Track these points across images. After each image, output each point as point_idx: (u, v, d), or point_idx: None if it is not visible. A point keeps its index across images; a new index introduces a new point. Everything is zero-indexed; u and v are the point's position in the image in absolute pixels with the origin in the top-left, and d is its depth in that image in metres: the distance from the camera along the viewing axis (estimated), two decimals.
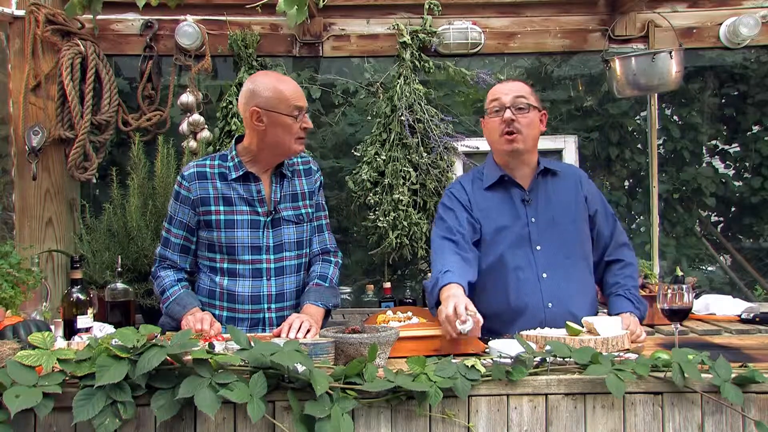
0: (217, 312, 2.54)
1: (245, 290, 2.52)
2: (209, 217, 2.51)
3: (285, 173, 2.58)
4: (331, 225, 2.76)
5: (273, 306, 2.55)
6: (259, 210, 2.53)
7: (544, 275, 2.46)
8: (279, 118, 2.44)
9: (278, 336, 2.28)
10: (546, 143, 3.98)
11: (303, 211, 2.61)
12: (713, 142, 5.07)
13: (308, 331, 2.28)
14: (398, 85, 3.77)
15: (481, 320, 2.12)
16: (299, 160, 2.66)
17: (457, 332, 2.08)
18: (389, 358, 1.99)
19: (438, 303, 2.29)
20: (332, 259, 2.69)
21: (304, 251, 2.63)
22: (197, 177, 2.53)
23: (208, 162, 2.57)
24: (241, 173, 2.52)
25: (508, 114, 2.47)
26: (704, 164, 4.98)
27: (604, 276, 2.60)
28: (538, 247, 2.48)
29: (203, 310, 2.47)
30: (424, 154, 3.75)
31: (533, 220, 2.51)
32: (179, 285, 2.54)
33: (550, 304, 2.44)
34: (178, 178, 2.58)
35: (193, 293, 2.55)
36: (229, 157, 2.56)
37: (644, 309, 2.51)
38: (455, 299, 2.15)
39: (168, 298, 2.51)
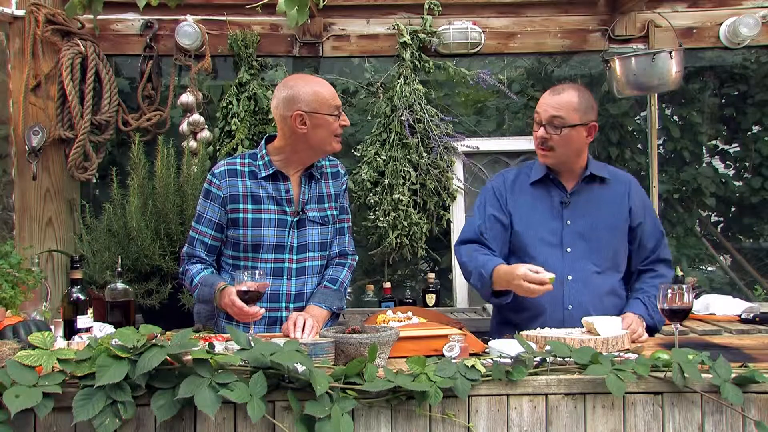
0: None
1: None
2: (237, 215, 2.50)
3: (314, 175, 2.58)
4: None
5: (291, 306, 2.53)
6: (287, 209, 2.53)
7: (570, 278, 2.46)
8: (322, 119, 2.46)
9: (286, 336, 2.28)
10: None
11: (329, 212, 2.61)
12: (713, 142, 5.06)
13: (312, 328, 2.30)
14: (398, 85, 3.77)
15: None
16: (327, 163, 2.65)
17: (544, 285, 2.22)
18: (389, 358, 1.99)
19: (493, 292, 2.41)
20: (347, 261, 2.69)
21: (328, 252, 2.64)
22: (228, 175, 2.52)
23: (238, 160, 2.57)
24: (270, 172, 2.51)
25: (541, 132, 2.47)
26: (704, 164, 4.97)
27: (634, 283, 2.58)
28: (569, 250, 2.49)
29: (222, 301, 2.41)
30: (424, 154, 3.75)
31: (569, 222, 2.51)
32: (205, 271, 2.54)
33: (570, 306, 2.44)
34: (209, 176, 2.56)
35: (218, 274, 2.56)
36: (258, 156, 2.55)
37: (658, 319, 2.47)
38: (521, 265, 2.30)
39: (196, 285, 2.51)
